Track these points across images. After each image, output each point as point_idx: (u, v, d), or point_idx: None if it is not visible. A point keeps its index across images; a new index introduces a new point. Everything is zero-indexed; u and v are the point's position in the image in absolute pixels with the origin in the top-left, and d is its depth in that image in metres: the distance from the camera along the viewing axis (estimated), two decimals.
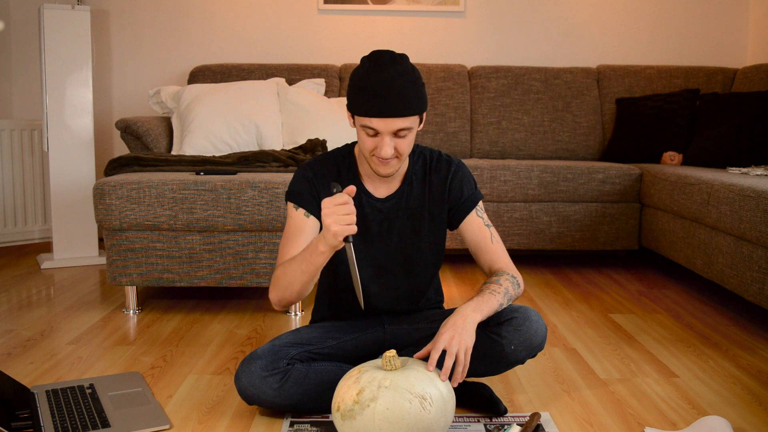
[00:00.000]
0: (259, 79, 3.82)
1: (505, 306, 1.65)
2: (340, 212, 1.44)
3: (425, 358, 1.52)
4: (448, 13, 4.07)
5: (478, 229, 1.74)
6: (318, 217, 1.69)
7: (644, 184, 3.29)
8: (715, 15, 4.09)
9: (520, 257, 3.71)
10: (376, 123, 1.52)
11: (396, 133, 1.54)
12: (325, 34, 4.08)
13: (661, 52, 4.11)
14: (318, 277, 1.61)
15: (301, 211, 1.70)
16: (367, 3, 4.04)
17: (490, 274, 1.71)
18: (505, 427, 1.60)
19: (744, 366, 2.07)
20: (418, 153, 1.76)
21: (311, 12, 4.07)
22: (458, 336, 1.49)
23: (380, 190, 1.72)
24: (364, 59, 1.57)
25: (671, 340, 2.31)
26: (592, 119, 3.88)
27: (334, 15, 4.07)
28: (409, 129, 1.55)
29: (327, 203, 1.45)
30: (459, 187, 1.74)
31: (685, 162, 3.44)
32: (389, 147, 1.55)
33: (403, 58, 1.56)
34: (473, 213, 1.74)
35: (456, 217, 1.75)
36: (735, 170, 2.97)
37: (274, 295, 1.65)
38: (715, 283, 3.09)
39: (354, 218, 1.46)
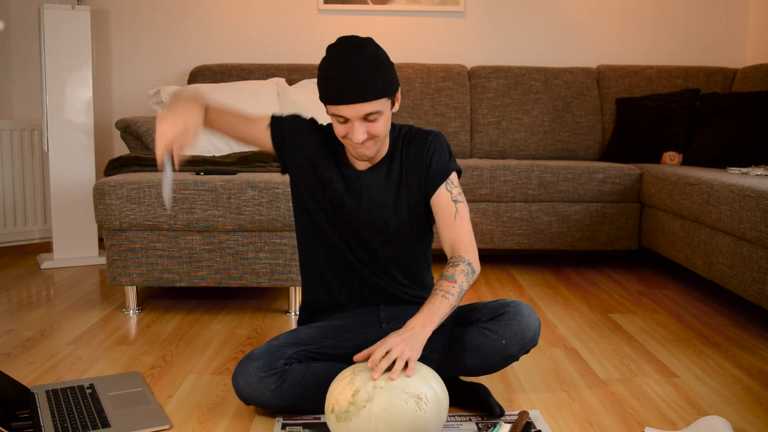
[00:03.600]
0: (259, 79, 3.82)
1: (456, 306, 1.59)
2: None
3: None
4: (448, 13, 4.07)
5: (445, 204, 1.71)
6: (279, 151, 1.79)
7: (644, 184, 3.29)
8: (715, 15, 4.09)
9: (520, 257, 3.71)
10: (343, 110, 1.55)
11: (365, 118, 1.56)
12: (325, 34, 4.08)
13: (661, 52, 4.11)
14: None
15: (268, 125, 1.78)
16: (367, 3, 4.03)
17: (450, 256, 1.68)
18: (496, 425, 1.60)
19: (744, 366, 2.07)
20: (398, 129, 1.77)
21: (311, 12, 4.07)
22: (404, 344, 1.44)
23: (362, 163, 1.74)
24: (329, 48, 1.59)
25: (671, 340, 2.31)
26: (592, 119, 3.88)
27: (334, 15, 4.07)
28: (378, 112, 1.56)
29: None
30: (433, 157, 1.73)
31: (685, 162, 3.44)
32: (360, 132, 1.56)
33: (367, 42, 1.57)
34: (443, 187, 1.72)
35: (429, 191, 1.73)
36: (735, 170, 2.97)
37: None
38: (715, 283, 3.09)
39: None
